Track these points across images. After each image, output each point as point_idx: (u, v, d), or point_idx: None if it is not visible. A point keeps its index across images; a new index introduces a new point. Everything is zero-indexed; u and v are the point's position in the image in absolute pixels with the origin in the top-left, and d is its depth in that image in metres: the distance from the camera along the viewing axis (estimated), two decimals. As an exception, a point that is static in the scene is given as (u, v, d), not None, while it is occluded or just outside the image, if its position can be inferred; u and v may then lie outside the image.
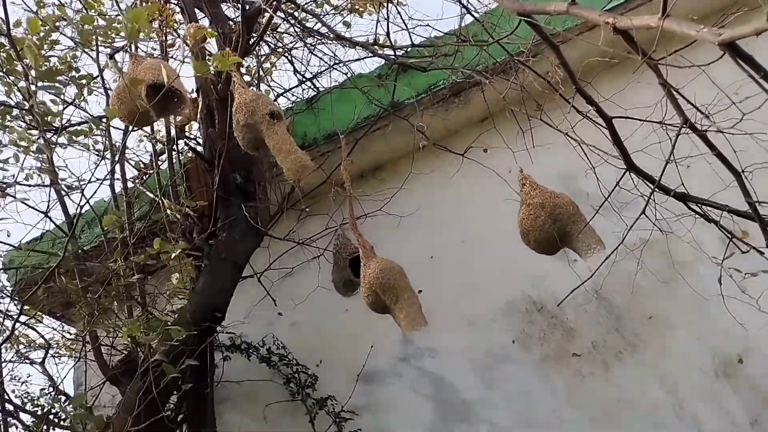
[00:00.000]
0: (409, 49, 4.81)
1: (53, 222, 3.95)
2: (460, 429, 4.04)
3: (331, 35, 4.49)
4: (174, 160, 4.48)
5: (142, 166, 5.40)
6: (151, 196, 4.30)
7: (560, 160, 3.83)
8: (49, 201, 3.93)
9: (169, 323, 3.49)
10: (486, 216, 4.58)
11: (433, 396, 4.21)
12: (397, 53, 4.48)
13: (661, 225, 3.79)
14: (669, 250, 3.54)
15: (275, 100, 5.39)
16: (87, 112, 4.03)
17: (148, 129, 4.66)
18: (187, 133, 5.12)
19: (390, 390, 4.32)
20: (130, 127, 4.60)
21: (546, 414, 3.87)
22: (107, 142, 3.86)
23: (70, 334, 5.42)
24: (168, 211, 3.26)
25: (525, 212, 2.99)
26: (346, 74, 4.96)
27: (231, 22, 4.97)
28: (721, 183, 2.29)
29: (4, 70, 3.44)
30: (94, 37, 3.41)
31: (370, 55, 4.25)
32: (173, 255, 3.14)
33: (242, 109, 2.98)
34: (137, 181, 5.17)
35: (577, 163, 3.39)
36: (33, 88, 3.34)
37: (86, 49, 3.83)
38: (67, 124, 3.91)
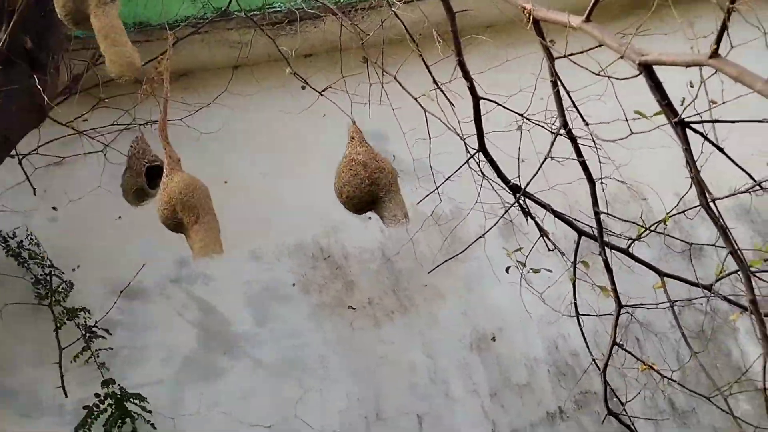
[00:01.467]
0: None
1: None
2: (222, 360, 3.94)
3: None
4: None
5: None
6: None
7: (376, 117, 3.84)
8: None
9: None
10: (291, 153, 4.48)
11: (199, 323, 4.04)
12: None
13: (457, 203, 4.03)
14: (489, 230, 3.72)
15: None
16: None
17: None
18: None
19: (153, 310, 4.06)
20: None
21: (312, 359, 3.93)
22: None
23: None
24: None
25: (346, 166, 2.94)
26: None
27: None
28: (545, 184, 2.47)
29: None
30: None
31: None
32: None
33: (69, -28, 2.50)
34: None
35: (391, 124, 3.44)
36: None
37: None
38: None
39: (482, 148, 2.52)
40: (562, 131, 2.11)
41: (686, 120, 1.52)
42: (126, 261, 4.09)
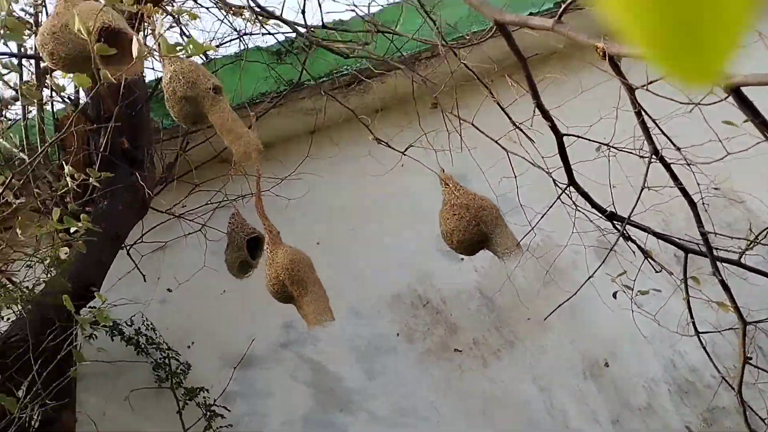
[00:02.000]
0: (314, 30, 4.67)
1: None
2: (339, 418, 4.02)
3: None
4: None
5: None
6: (17, 151, 3.83)
7: (454, 158, 3.91)
8: None
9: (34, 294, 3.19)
10: (377, 207, 4.59)
11: (312, 383, 4.15)
12: (311, 32, 4.32)
13: (547, 233, 4.02)
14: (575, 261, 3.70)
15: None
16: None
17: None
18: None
19: (268, 376, 4.20)
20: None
21: (424, 406, 3.95)
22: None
23: None
24: (69, 179, 2.86)
25: (449, 212, 3.00)
26: (245, 46, 4.70)
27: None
28: (641, 206, 2.47)
29: None
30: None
31: (289, 31, 4.07)
32: (73, 229, 2.81)
33: (179, 79, 2.63)
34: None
35: (467, 162, 3.50)
36: None
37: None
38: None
39: (572, 182, 2.54)
40: (654, 159, 2.11)
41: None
42: (235, 332, 4.27)
